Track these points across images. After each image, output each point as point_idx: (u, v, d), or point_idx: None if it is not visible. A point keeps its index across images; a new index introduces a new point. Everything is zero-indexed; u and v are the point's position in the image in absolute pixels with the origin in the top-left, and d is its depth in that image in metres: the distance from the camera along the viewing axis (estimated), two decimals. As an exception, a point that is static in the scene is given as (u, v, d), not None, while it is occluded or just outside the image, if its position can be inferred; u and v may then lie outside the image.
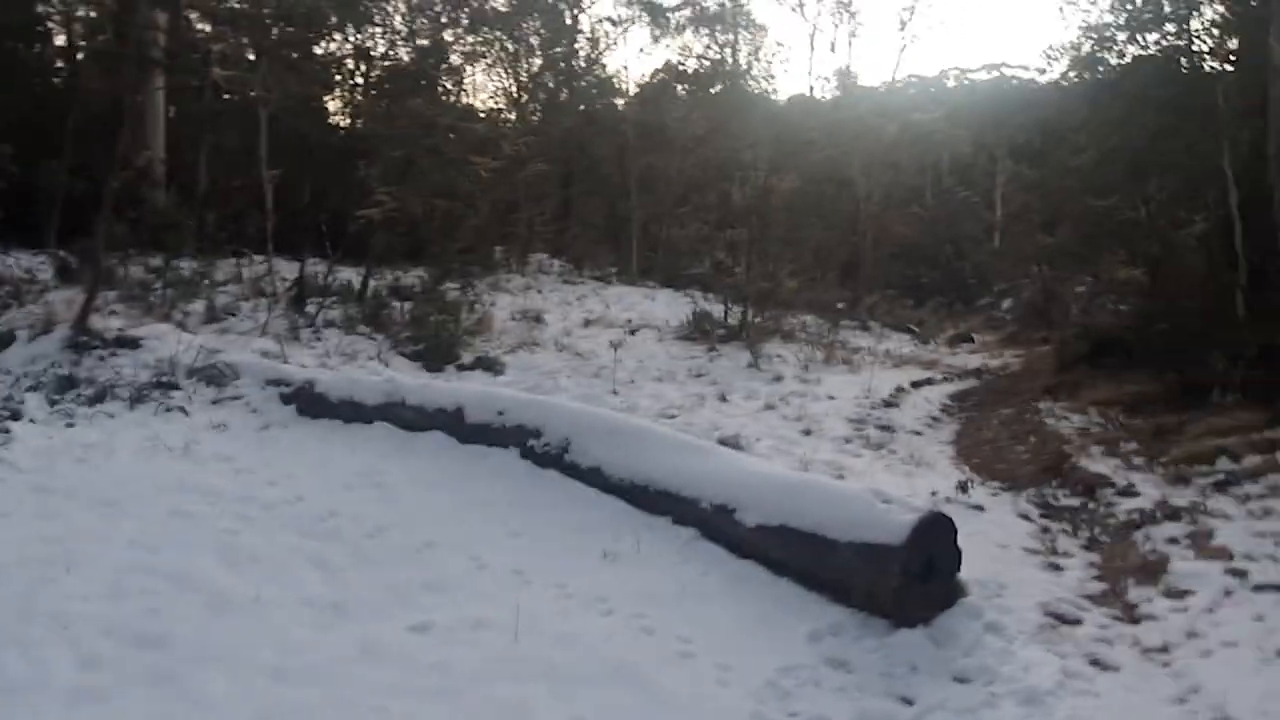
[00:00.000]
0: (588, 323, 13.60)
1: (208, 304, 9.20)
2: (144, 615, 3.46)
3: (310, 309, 9.82)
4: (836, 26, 33.73)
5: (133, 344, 7.00)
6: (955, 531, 3.93)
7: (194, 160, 13.34)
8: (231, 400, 6.41)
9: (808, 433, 8.06)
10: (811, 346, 13.52)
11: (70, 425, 5.69)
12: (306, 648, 3.32)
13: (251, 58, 12.59)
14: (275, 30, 11.93)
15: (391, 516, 4.63)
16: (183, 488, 4.79)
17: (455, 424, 5.71)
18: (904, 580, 3.68)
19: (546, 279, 18.81)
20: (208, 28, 13.90)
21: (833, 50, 38.33)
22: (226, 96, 13.93)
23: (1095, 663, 3.67)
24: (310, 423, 6.18)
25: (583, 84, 25.89)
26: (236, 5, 13.06)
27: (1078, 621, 4.12)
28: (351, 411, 6.11)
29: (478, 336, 10.41)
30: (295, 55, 14.02)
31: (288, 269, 11.65)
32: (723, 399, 9.11)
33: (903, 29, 26.25)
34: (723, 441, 6.42)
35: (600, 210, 26.31)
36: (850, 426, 8.65)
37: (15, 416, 5.65)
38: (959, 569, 3.98)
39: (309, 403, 6.28)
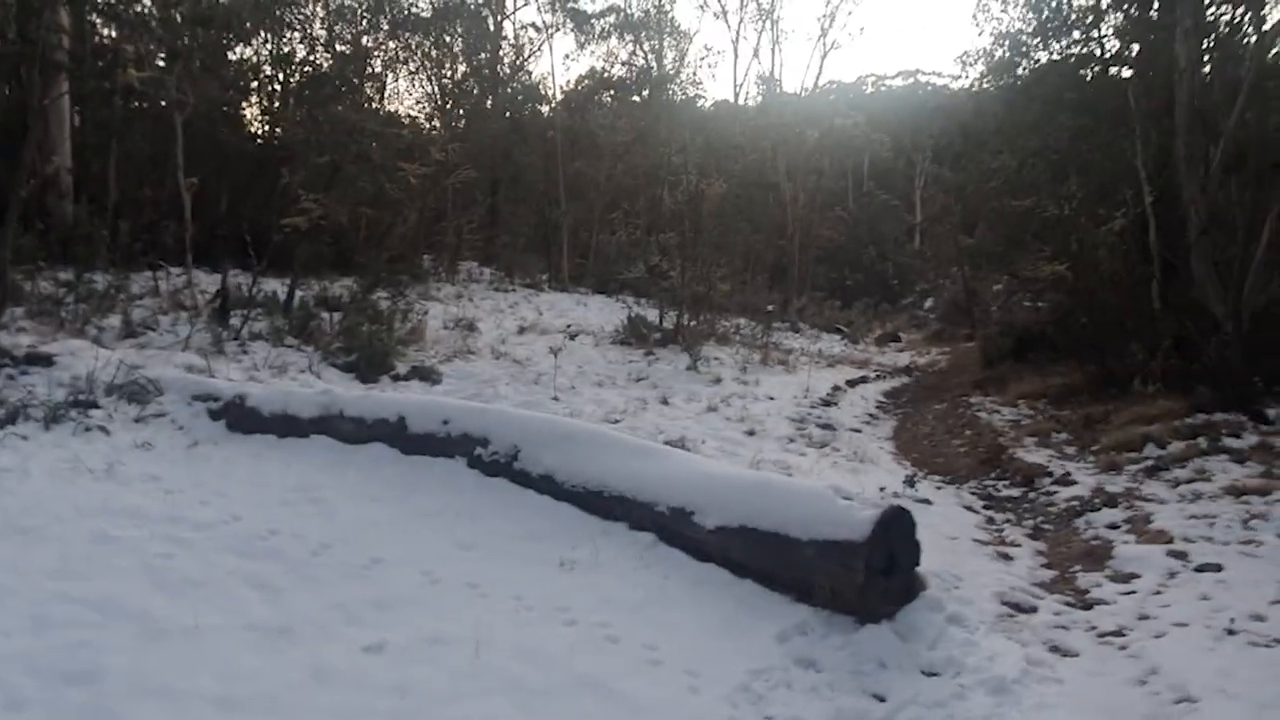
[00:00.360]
0: (522, 330, 13.43)
1: (124, 318, 8.74)
2: (72, 649, 3.20)
3: (234, 321, 9.42)
4: (759, 33, 34.31)
5: (45, 361, 6.58)
6: (914, 526, 3.93)
7: (103, 169, 12.74)
8: (156, 418, 6.06)
9: (751, 433, 8.07)
10: (748, 349, 13.61)
11: (-22, 449, 5.29)
12: (253, 675, 3.12)
13: (162, 63, 12.09)
14: (187, 34, 11.46)
15: (335, 533, 4.42)
16: (107, 511, 4.49)
17: (397, 435, 5.51)
18: (868, 576, 3.66)
19: (477, 287, 18.56)
20: (112, 31, 13.32)
21: (755, 56, 38.96)
22: (132, 104, 13.35)
23: (1055, 649, 3.72)
24: (242, 439, 5.88)
25: (508, 91, 25.68)
26: (143, 9, 12.55)
27: (1033, 609, 4.18)
28: (286, 425, 5.84)
29: (411, 346, 10.15)
30: (209, 60, 13.53)
31: (207, 281, 11.20)
32: (665, 402, 9.07)
33: (823, 36, 26.71)
34: (668, 444, 6.35)
35: (528, 218, 26.12)
36: (792, 426, 8.71)
37: (-84, 442, 5.24)
38: (918, 563, 3.98)
39: (240, 418, 5.98)
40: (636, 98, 27.54)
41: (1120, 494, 6.08)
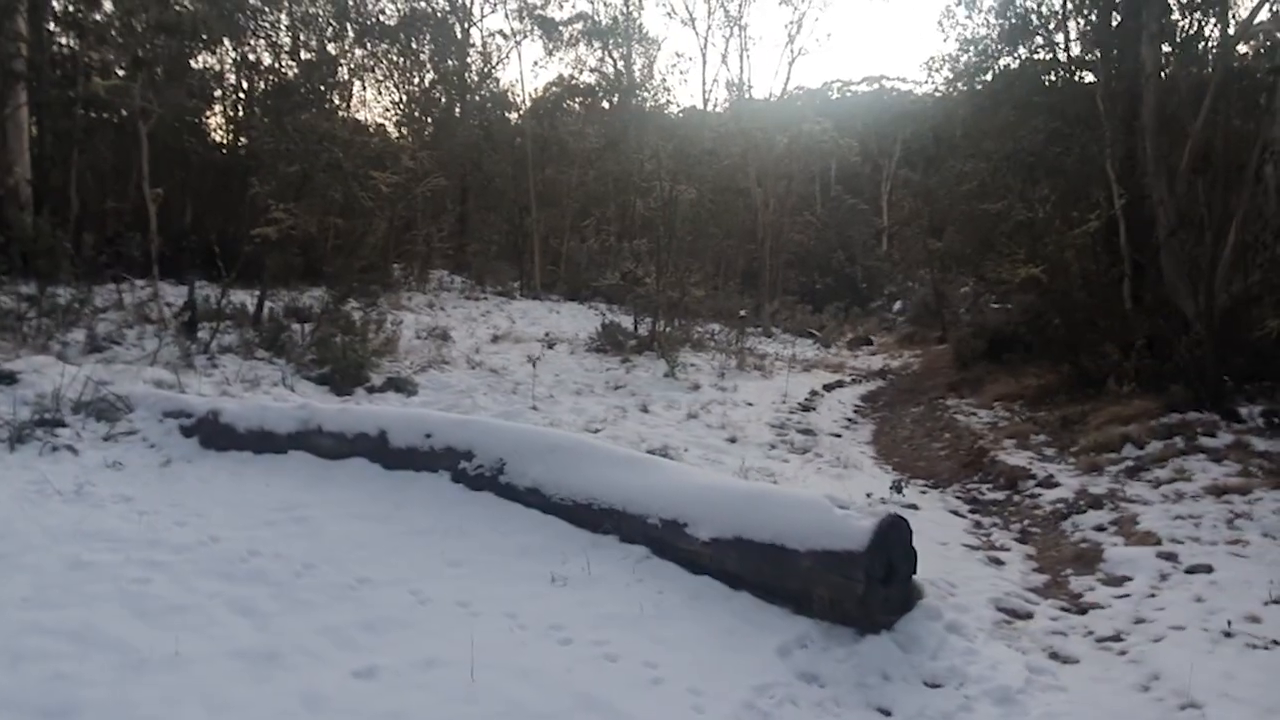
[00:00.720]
0: (496, 338, 13.31)
1: (89, 332, 8.51)
2: (48, 682, 3.06)
3: (203, 334, 9.21)
4: (727, 40, 34.44)
5: (8, 378, 6.36)
6: (911, 533, 3.90)
7: (64, 180, 12.43)
8: (126, 435, 5.88)
9: (733, 440, 8.02)
10: (724, 354, 13.59)
11: (-61, 472, 5.09)
12: (240, 704, 3.00)
13: (123, 71, 11.84)
14: (150, 42, 11.22)
15: (319, 553, 4.29)
16: (80, 535, 4.33)
17: (379, 449, 5.39)
18: (868, 586, 3.62)
19: (448, 296, 18.38)
20: (71, 41, 13.03)
21: (724, 63, 39.13)
22: (94, 114, 13.05)
23: (1055, 656, 3.70)
24: (217, 456, 5.72)
25: (476, 98, 25.51)
26: (104, 17, 12.29)
27: (1029, 615, 4.16)
28: (262, 442, 5.69)
29: (385, 357, 9.99)
30: (173, 68, 13.27)
31: (172, 293, 10.97)
32: (644, 410, 9.01)
33: (790, 43, 26.84)
34: (651, 453, 6.29)
35: (499, 225, 25.95)
36: (773, 432, 8.68)
37: (-127, 466, 5.03)
38: (915, 571, 3.95)
39: (214, 434, 5.81)
40: (606, 104, 27.48)
41: (1104, 495, 6.11)
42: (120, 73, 11.81)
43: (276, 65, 17.10)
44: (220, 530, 4.53)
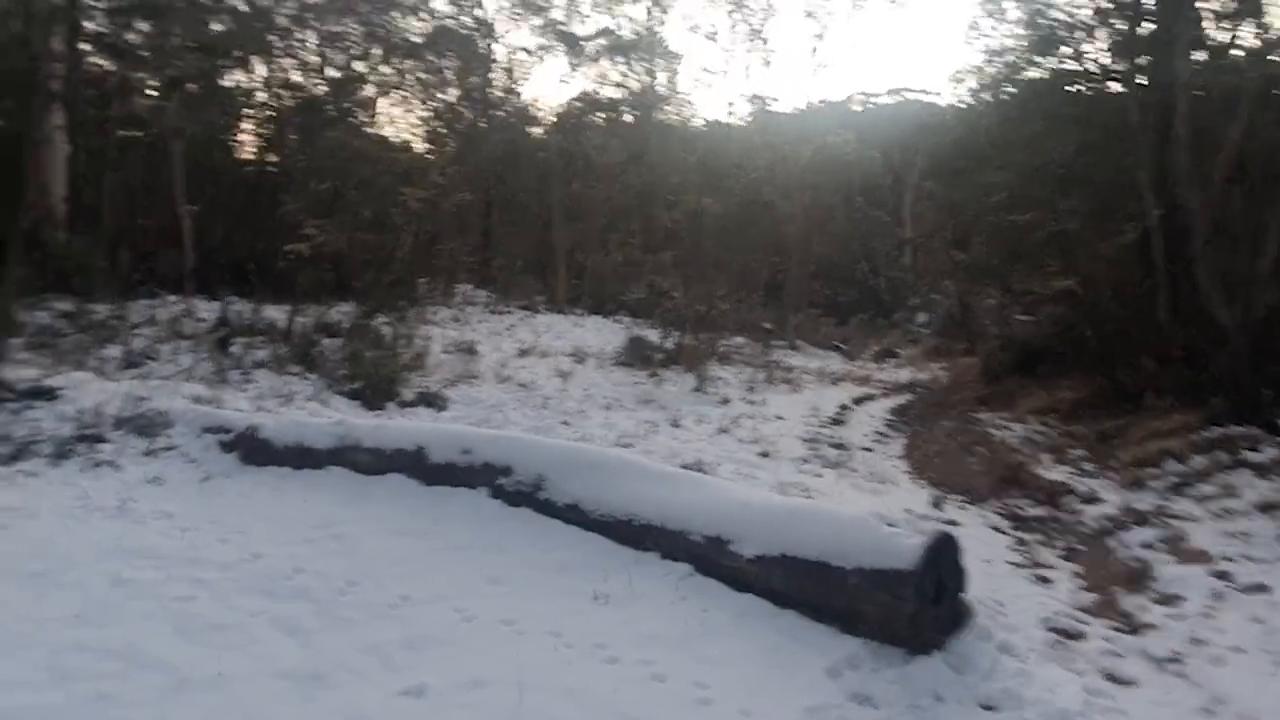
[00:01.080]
0: (523, 353, 13.32)
1: (125, 349, 8.59)
2: (92, 702, 3.06)
3: (235, 350, 9.28)
4: (750, 53, 34.49)
5: (49, 394, 6.43)
6: (960, 551, 3.83)
7: (97, 198, 12.61)
8: (166, 451, 5.92)
9: (766, 455, 7.95)
10: (751, 368, 13.52)
11: (-17, 488, 5.13)
12: (286, 725, 2.98)
13: (153, 91, 12.01)
14: (182, 61, 11.38)
15: (361, 570, 4.28)
16: (122, 551, 4.35)
17: (416, 465, 5.38)
18: (919, 606, 3.54)
19: (473, 310, 18.41)
20: (103, 61, 13.24)
21: (747, 76, 39.18)
22: (123, 132, 13.23)
23: (1112, 678, 3.61)
24: (256, 471, 5.74)
25: (500, 113, 25.64)
26: (137, 38, 12.48)
27: (1081, 635, 4.08)
28: (300, 457, 5.70)
29: (415, 372, 10.02)
30: (202, 87, 13.44)
31: (204, 309, 11.07)
32: (675, 425, 8.96)
33: (814, 55, 26.78)
34: (685, 468, 6.25)
35: (522, 240, 26.00)
36: (805, 446, 8.60)
37: (-83, 482, 5.08)
38: (964, 590, 3.87)
39: (253, 450, 5.84)
40: (629, 118, 27.52)
41: (1150, 512, 6.00)
42: (152, 92, 11.99)
43: (305, 83, 17.28)
44: (262, 547, 4.53)
